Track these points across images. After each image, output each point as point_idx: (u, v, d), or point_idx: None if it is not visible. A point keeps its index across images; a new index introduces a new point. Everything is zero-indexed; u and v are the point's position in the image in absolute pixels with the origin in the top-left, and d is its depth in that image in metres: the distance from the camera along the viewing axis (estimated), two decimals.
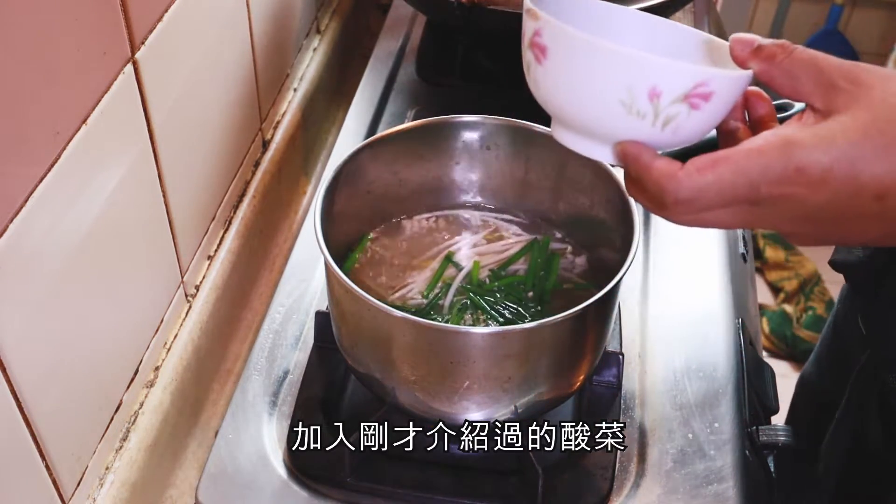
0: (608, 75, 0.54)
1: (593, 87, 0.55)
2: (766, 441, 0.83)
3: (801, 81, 0.53)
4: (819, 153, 0.50)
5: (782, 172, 0.50)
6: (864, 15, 2.54)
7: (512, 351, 0.70)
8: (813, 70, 0.52)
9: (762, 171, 0.51)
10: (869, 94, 0.50)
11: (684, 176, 0.52)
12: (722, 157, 0.52)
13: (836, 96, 0.51)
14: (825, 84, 0.52)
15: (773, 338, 2.15)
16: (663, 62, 0.53)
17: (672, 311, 0.93)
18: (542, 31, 0.56)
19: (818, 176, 0.50)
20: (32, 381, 0.64)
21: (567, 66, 0.56)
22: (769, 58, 0.54)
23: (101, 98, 0.69)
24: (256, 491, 0.78)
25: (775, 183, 0.51)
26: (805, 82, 0.53)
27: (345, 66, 1.39)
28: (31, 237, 0.62)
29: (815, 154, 0.50)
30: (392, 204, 0.89)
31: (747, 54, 0.55)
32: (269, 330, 0.91)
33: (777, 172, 0.50)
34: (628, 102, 0.54)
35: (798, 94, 0.54)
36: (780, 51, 0.53)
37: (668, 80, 0.53)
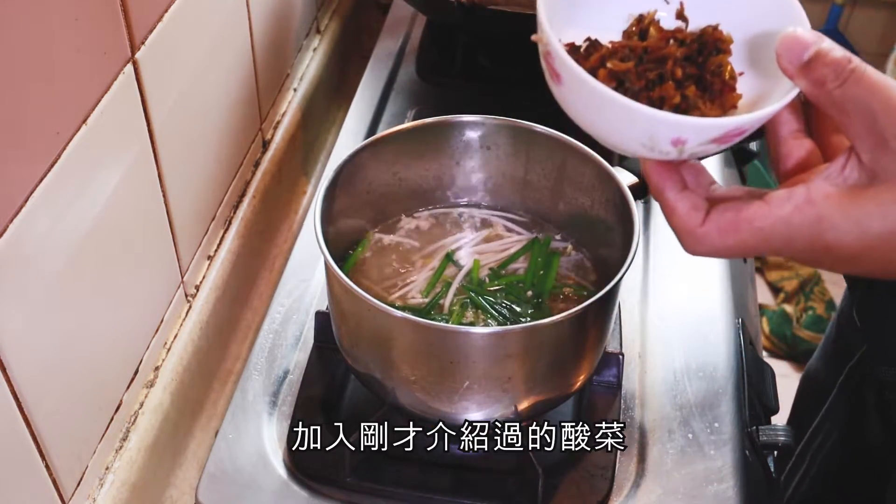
0: (626, 123, 0.50)
1: (612, 126, 0.51)
2: (766, 441, 0.83)
3: (850, 120, 0.46)
4: (851, 238, 0.46)
5: (809, 247, 0.47)
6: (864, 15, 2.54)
7: (512, 351, 0.70)
8: (866, 113, 0.45)
9: (787, 243, 0.48)
10: None
11: (703, 236, 0.49)
12: (745, 221, 0.48)
13: (884, 155, 0.45)
14: (876, 135, 0.45)
15: (773, 338, 2.15)
16: (684, 121, 0.48)
17: (672, 311, 0.93)
18: (552, 57, 0.51)
19: (847, 256, 0.47)
20: (32, 381, 0.64)
21: (582, 103, 0.51)
22: (819, 83, 0.46)
23: (101, 98, 0.69)
24: (256, 491, 0.78)
25: (800, 252, 0.48)
26: (855, 123, 0.45)
27: (345, 66, 1.39)
28: (31, 237, 0.62)
29: (847, 239, 0.46)
30: (392, 204, 0.89)
31: (795, 69, 0.46)
32: (269, 330, 0.91)
33: (803, 246, 0.47)
34: (649, 145, 0.50)
35: (845, 132, 0.47)
36: (833, 76, 0.45)
37: (692, 133, 0.48)
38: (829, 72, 0.45)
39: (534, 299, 0.82)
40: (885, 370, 0.76)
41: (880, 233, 0.45)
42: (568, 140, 0.83)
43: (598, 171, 0.81)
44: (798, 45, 0.46)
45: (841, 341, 1.01)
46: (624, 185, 0.78)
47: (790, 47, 0.46)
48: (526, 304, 0.82)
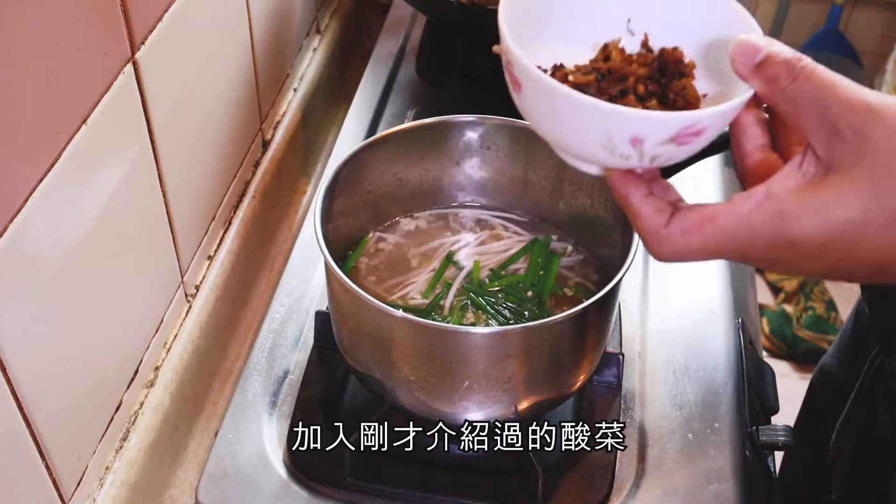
0: (583, 123, 0.50)
1: (571, 128, 0.51)
2: (766, 441, 0.83)
3: (803, 115, 0.47)
4: (813, 228, 0.46)
5: (772, 243, 0.47)
6: (864, 15, 2.54)
7: (512, 351, 0.70)
8: (818, 106, 0.45)
9: (750, 241, 0.48)
10: (874, 157, 0.44)
11: (666, 237, 0.49)
12: (708, 220, 0.48)
13: (838, 145, 0.45)
14: (829, 127, 0.45)
15: (773, 338, 2.15)
16: (642, 115, 0.48)
17: (672, 311, 0.93)
18: (512, 65, 0.51)
19: (812, 250, 0.47)
20: (32, 381, 0.64)
21: (541, 107, 0.52)
22: (772, 80, 0.47)
23: (101, 98, 0.69)
24: (256, 491, 0.78)
25: (764, 250, 0.48)
26: (808, 118, 0.46)
27: (345, 66, 1.39)
28: (31, 237, 0.62)
29: (809, 229, 0.46)
30: (392, 204, 0.89)
31: (748, 70, 0.48)
32: (269, 330, 0.91)
33: (767, 242, 0.47)
34: (609, 146, 0.50)
35: (800, 128, 0.47)
36: (785, 73, 0.46)
37: (650, 130, 0.48)
38: (780, 70, 0.46)
39: (534, 299, 0.82)
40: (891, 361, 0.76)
41: (842, 220, 0.45)
42: None
43: None
44: (750, 48, 0.48)
45: (857, 335, 1.00)
46: None
47: (743, 51, 0.48)
48: (526, 305, 0.82)
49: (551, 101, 0.50)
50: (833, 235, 0.45)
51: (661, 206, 0.51)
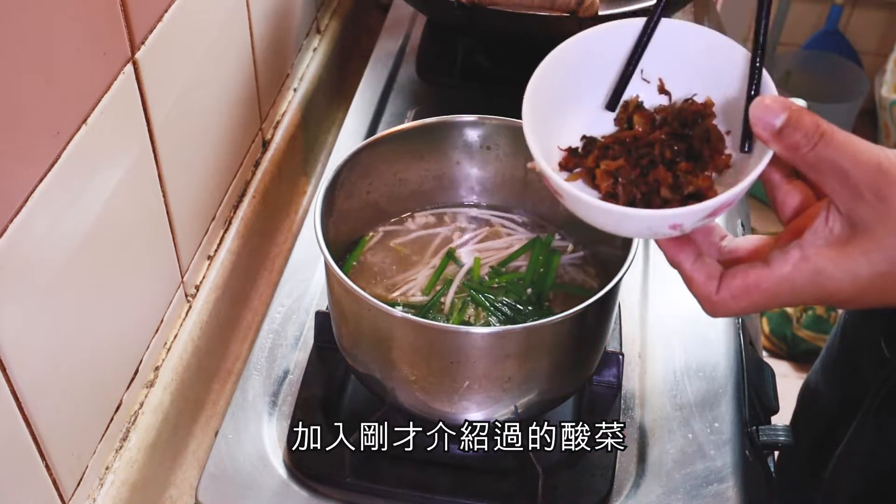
0: (625, 225, 0.57)
1: (616, 226, 0.57)
2: (766, 441, 0.83)
3: (825, 179, 0.50)
4: (847, 284, 0.51)
5: (813, 297, 0.53)
6: (864, 15, 2.54)
7: (512, 351, 0.70)
8: (839, 172, 0.49)
9: (793, 297, 0.53)
10: (893, 217, 0.49)
11: (720, 303, 0.56)
12: (753, 285, 0.54)
13: (860, 207, 0.49)
14: (850, 189, 0.49)
15: (773, 338, 2.15)
16: (675, 213, 0.53)
17: (672, 311, 0.93)
18: (550, 182, 0.57)
19: (847, 298, 0.52)
20: (32, 381, 0.64)
21: (584, 213, 0.57)
22: (792, 148, 0.50)
23: (101, 98, 0.69)
24: (256, 491, 0.78)
25: (806, 301, 0.54)
26: (829, 181, 0.50)
27: (345, 66, 1.39)
28: (31, 237, 0.62)
29: (844, 284, 0.51)
30: (392, 204, 0.89)
31: (769, 136, 0.51)
32: (269, 330, 0.91)
33: (808, 297, 0.53)
34: (652, 233, 0.57)
35: (822, 190, 0.52)
36: (805, 141, 0.50)
37: (685, 220, 0.54)
38: (800, 137, 0.50)
39: (534, 297, 0.82)
40: None
41: (869, 276, 0.50)
42: None
43: None
44: (769, 112, 0.51)
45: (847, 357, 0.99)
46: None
47: (762, 116, 0.51)
48: (526, 302, 0.82)
49: (592, 211, 0.56)
50: (864, 288, 0.51)
51: (711, 272, 0.56)
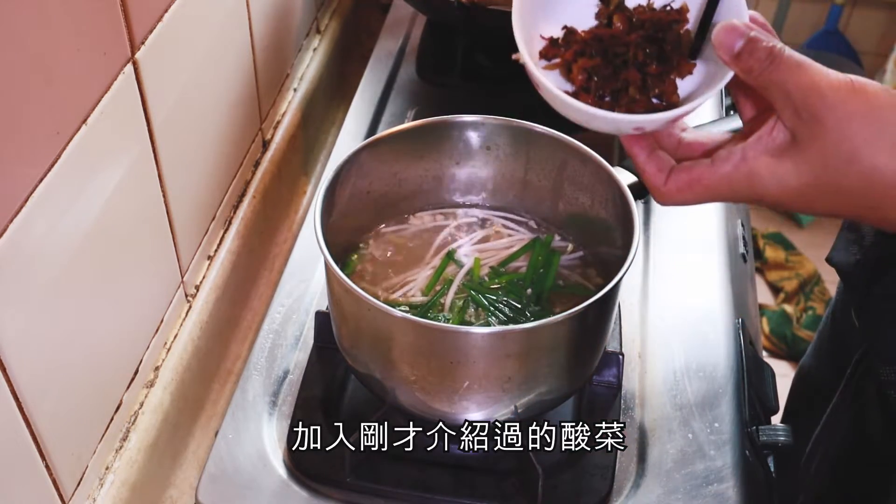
0: (594, 122, 0.61)
1: (585, 121, 0.62)
2: (766, 441, 0.83)
3: (773, 97, 0.57)
4: (776, 190, 0.58)
5: (746, 197, 0.60)
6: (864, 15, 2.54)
7: (512, 351, 0.70)
8: (783, 93, 0.56)
9: (731, 194, 0.60)
10: (825, 139, 0.54)
11: (666, 193, 0.62)
12: (696, 180, 0.60)
13: (799, 124, 0.56)
14: (791, 108, 0.56)
15: (773, 338, 2.15)
16: (640, 119, 0.60)
17: (672, 311, 0.93)
18: (530, 74, 0.61)
19: (774, 202, 0.59)
20: (32, 381, 0.64)
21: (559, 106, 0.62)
22: (747, 71, 0.56)
23: (101, 98, 0.69)
24: (256, 491, 0.78)
25: (742, 199, 0.61)
26: (776, 100, 0.56)
27: (345, 66, 1.39)
28: (31, 237, 0.62)
29: (773, 190, 0.58)
30: (392, 204, 0.89)
31: (729, 59, 0.57)
32: (269, 330, 0.91)
33: (742, 196, 0.60)
34: (617, 131, 0.63)
35: (772, 104, 0.57)
36: (758, 66, 0.56)
37: (647, 125, 0.61)
38: (754, 62, 0.56)
39: (534, 297, 0.82)
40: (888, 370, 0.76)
41: (796, 186, 0.57)
42: (568, 140, 0.83)
43: (598, 171, 0.81)
44: (730, 36, 0.57)
45: (837, 337, 1.01)
46: (624, 185, 0.78)
47: (724, 39, 0.57)
48: (526, 302, 0.82)
49: (565, 106, 0.61)
50: (791, 196, 0.57)
51: (661, 166, 0.62)
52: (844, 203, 0.57)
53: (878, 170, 0.54)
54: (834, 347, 1.01)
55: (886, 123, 0.53)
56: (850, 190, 0.55)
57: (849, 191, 0.55)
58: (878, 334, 0.79)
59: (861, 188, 0.55)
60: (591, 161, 0.81)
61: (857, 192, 0.55)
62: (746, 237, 1.11)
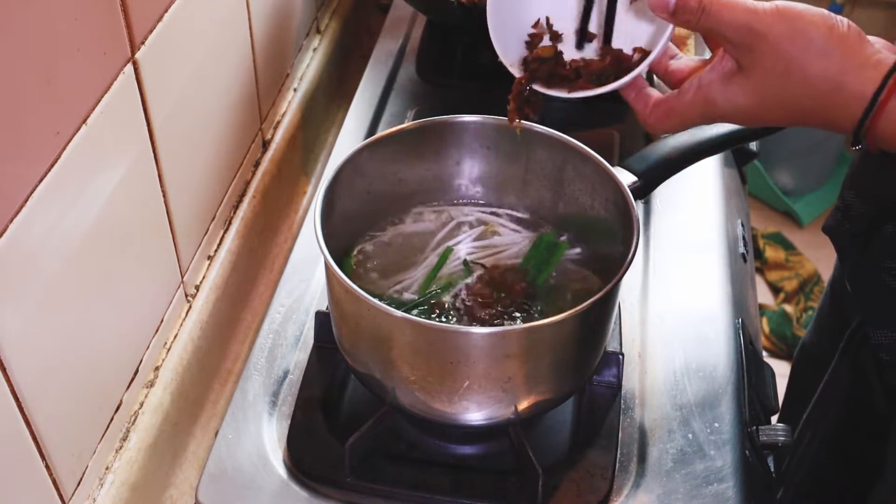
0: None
1: None
2: (766, 441, 0.83)
3: (714, 39, 0.68)
4: (729, 109, 0.67)
5: (712, 117, 0.69)
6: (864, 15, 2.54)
7: (512, 351, 0.70)
8: (720, 35, 0.64)
9: (701, 117, 0.69)
10: (761, 61, 0.63)
11: (650, 122, 0.71)
12: (671, 110, 0.69)
13: (738, 55, 0.64)
14: (730, 44, 0.64)
15: (773, 338, 2.15)
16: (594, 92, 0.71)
17: (672, 311, 0.93)
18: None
19: (734, 120, 0.68)
20: (32, 381, 0.64)
21: None
22: (684, 22, 0.65)
23: (101, 98, 0.69)
24: (256, 491, 0.78)
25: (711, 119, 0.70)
26: (716, 40, 0.66)
27: (345, 66, 1.39)
28: (31, 237, 0.62)
29: (727, 110, 0.67)
30: (392, 203, 0.89)
31: (666, 15, 0.65)
32: (269, 330, 0.91)
33: (709, 117, 0.69)
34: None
35: (716, 45, 0.67)
36: (692, 17, 0.64)
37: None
38: (688, 15, 0.64)
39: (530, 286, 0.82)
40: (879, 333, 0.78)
41: (746, 105, 0.66)
42: (568, 140, 0.83)
43: (598, 171, 0.81)
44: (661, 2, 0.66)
45: (835, 309, 1.02)
46: (624, 185, 0.78)
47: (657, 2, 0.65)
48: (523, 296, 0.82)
49: None
50: (744, 113, 0.67)
51: (646, 101, 0.71)
52: (790, 112, 0.65)
53: (810, 78, 0.62)
54: (832, 320, 1.02)
55: (811, 38, 0.62)
56: (791, 100, 0.64)
57: (790, 100, 0.64)
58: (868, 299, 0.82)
59: (800, 96, 0.63)
60: (591, 161, 0.81)
61: (798, 100, 0.64)
62: (746, 237, 1.11)
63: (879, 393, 0.89)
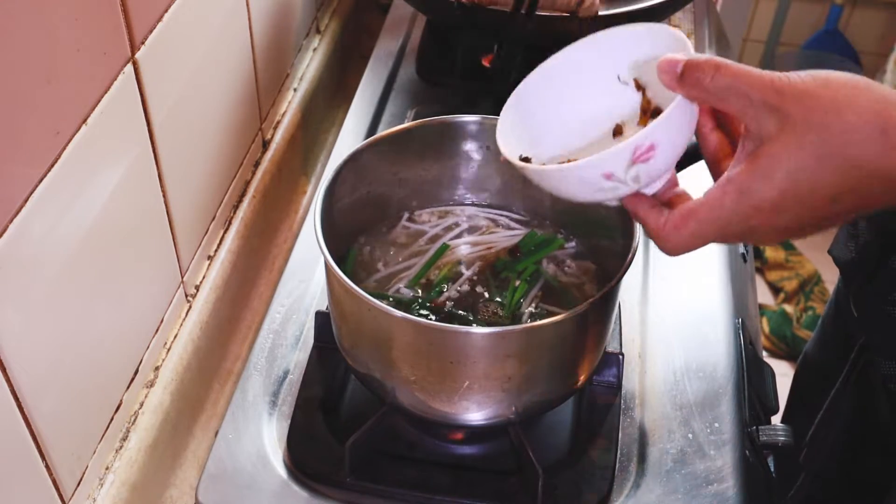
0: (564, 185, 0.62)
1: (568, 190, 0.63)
2: (766, 441, 0.83)
3: (731, 103, 0.56)
4: (765, 190, 0.55)
5: (743, 216, 0.57)
6: (864, 15, 2.54)
7: (512, 351, 0.70)
8: (740, 94, 0.55)
9: (727, 220, 0.57)
10: (792, 122, 0.53)
11: (665, 234, 0.61)
12: (690, 213, 0.59)
13: (762, 119, 0.55)
14: (753, 107, 0.55)
15: (773, 338, 2.15)
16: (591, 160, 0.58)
17: (672, 311, 0.93)
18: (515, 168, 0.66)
19: (771, 207, 0.56)
20: (32, 381, 0.64)
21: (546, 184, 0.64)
22: (695, 84, 0.56)
23: (101, 98, 0.69)
24: (256, 491, 0.78)
25: (739, 223, 0.57)
26: (734, 103, 0.56)
27: (345, 66, 1.39)
28: (31, 237, 0.62)
29: (763, 192, 0.55)
30: (392, 204, 0.89)
31: (674, 82, 0.57)
32: (269, 330, 0.91)
33: (739, 217, 0.57)
34: (594, 189, 0.61)
35: (733, 113, 0.57)
36: (704, 76, 0.55)
37: (609, 166, 0.59)
38: (699, 74, 0.56)
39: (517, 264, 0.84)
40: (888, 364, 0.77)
41: (783, 175, 0.54)
42: None
43: None
44: (671, 63, 0.57)
45: (840, 323, 1.02)
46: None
47: (666, 68, 0.57)
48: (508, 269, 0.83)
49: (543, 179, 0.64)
50: (781, 189, 0.55)
51: (661, 212, 0.61)
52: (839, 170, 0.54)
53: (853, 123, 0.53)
54: (837, 332, 1.02)
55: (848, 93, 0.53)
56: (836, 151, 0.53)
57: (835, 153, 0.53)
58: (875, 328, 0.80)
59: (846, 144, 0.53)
60: None
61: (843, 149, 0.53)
62: None
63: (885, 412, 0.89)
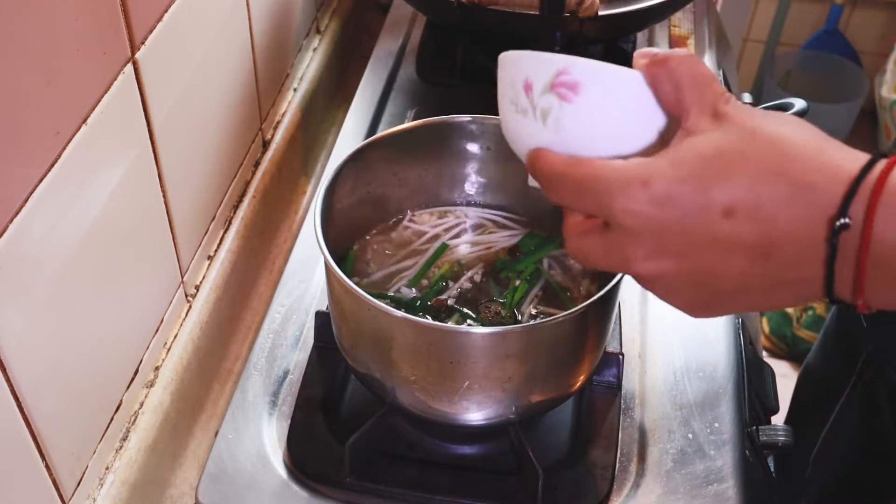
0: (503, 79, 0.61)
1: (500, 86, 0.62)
2: (766, 441, 0.83)
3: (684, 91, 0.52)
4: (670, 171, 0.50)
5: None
6: (864, 15, 2.54)
7: (512, 351, 0.70)
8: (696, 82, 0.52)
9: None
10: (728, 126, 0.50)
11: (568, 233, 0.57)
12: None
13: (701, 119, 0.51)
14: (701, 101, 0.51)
15: (773, 338, 2.15)
16: (524, 52, 0.57)
17: (672, 311, 0.93)
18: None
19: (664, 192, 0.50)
20: (32, 381, 0.64)
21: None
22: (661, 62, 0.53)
23: (101, 98, 0.69)
24: (256, 491, 0.78)
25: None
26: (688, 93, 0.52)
27: (345, 66, 1.39)
28: (31, 237, 0.62)
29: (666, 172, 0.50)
30: (392, 204, 0.89)
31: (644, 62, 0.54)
32: (269, 330, 0.91)
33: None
34: (514, 100, 0.60)
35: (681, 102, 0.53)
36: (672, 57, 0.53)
37: (531, 69, 0.57)
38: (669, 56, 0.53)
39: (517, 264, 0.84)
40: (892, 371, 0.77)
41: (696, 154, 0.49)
42: None
43: None
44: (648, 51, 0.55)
45: (843, 334, 1.01)
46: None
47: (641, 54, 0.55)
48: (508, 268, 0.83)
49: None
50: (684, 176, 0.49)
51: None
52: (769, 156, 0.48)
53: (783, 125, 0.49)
54: (840, 345, 1.02)
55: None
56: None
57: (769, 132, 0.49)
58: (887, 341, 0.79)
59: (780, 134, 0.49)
60: None
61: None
62: None
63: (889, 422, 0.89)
